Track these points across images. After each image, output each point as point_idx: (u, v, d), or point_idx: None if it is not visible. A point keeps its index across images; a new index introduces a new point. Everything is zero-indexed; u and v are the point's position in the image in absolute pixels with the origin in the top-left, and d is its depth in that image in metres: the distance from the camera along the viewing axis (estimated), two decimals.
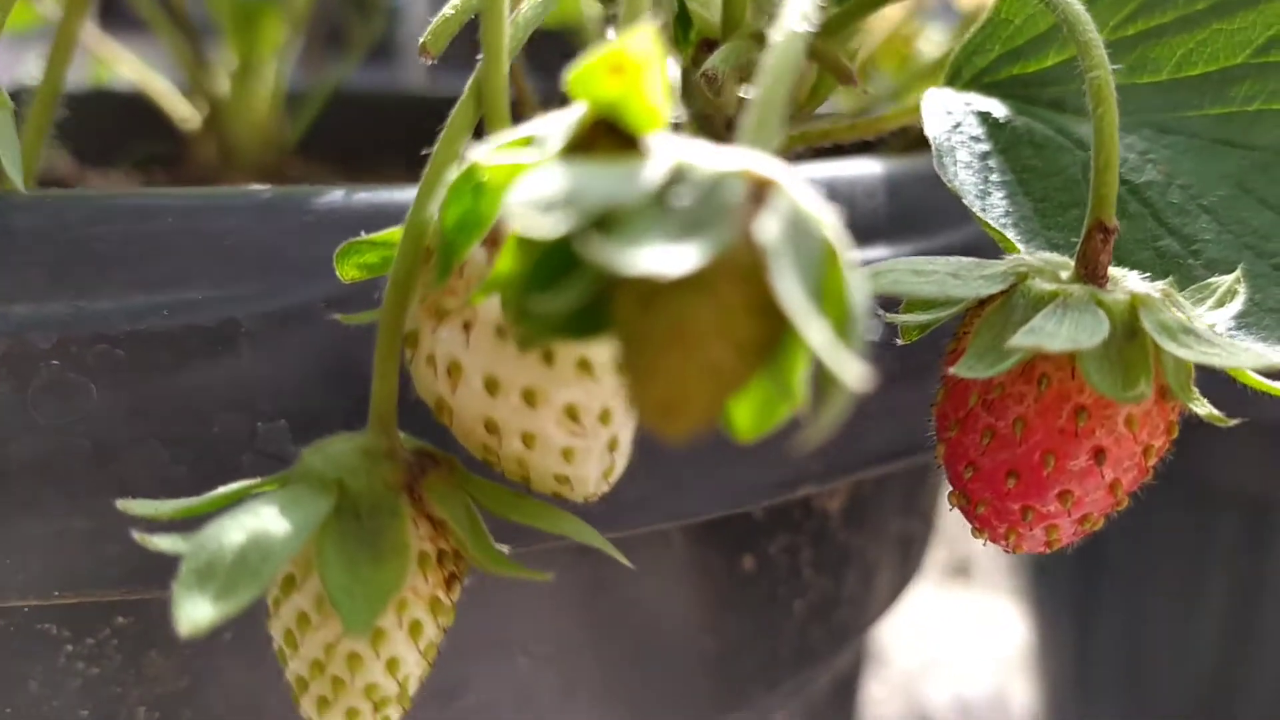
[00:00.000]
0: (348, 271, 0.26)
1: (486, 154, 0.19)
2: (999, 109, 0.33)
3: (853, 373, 0.16)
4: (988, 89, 0.33)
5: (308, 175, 0.76)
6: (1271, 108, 0.31)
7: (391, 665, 0.23)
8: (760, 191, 0.17)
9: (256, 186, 0.31)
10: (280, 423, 0.29)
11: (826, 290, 0.18)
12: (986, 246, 0.32)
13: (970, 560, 1.41)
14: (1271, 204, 0.30)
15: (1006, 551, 0.27)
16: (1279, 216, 0.30)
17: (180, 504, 0.24)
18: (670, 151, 0.18)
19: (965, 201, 0.30)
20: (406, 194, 0.32)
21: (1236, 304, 0.26)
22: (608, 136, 0.20)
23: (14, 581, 0.29)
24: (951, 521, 0.34)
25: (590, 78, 0.18)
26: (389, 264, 0.26)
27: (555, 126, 0.19)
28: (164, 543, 0.22)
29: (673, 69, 0.30)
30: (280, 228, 0.30)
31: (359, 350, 0.30)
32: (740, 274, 0.17)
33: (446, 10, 0.26)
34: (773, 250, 0.17)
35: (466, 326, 0.22)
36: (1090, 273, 0.25)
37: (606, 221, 0.17)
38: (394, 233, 0.25)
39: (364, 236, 0.25)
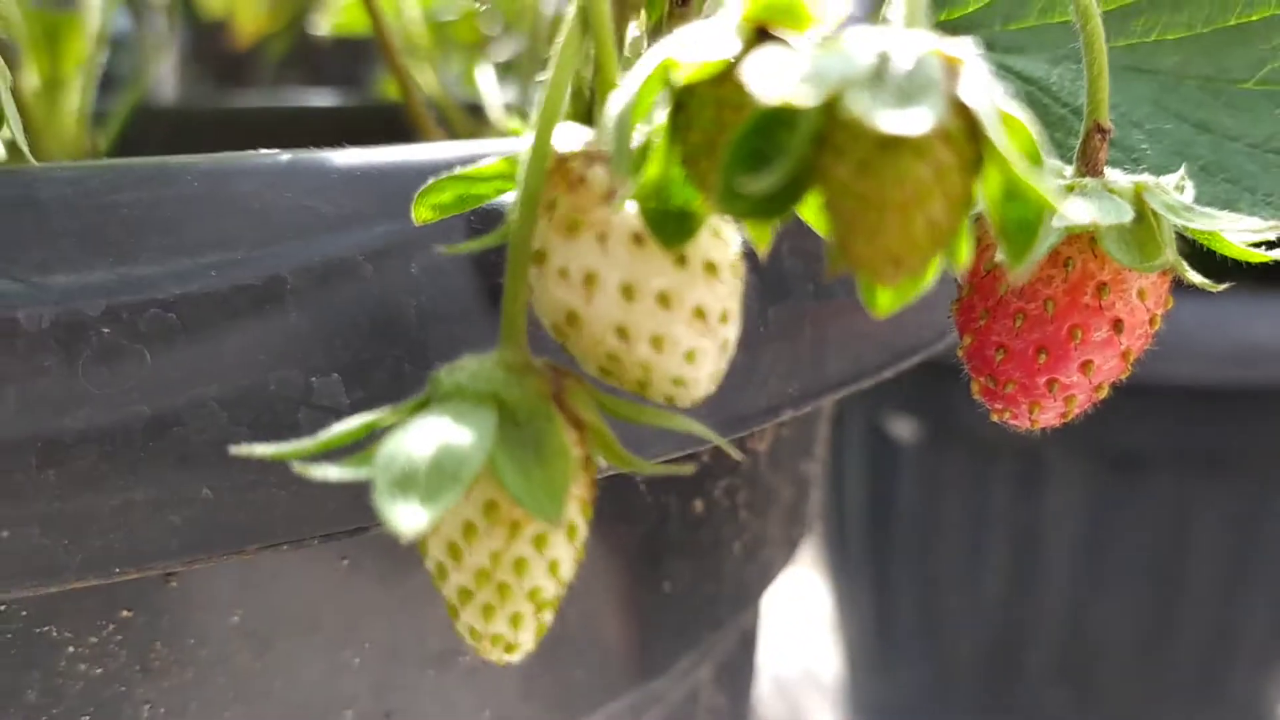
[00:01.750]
0: (422, 213, 0.27)
1: (680, 53, 0.20)
2: None
3: (1060, 200, 0.19)
4: None
5: None
6: (1167, 37, 0.36)
7: (553, 566, 0.23)
8: (953, 66, 0.19)
9: (267, 151, 0.31)
10: (334, 376, 0.29)
11: (1017, 136, 0.20)
12: None
13: None
14: (1185, 118, 0.34)
15: (1023, 426, 0.30)
16: (1193, 129, 0.34)
17: (305, 443, 0.24)
18: (857, 34, 0.20)
19: None
20: (414, 152, 0.32)
21: (1189, 195, 0.30)
22: (759, 40, 0.22)
23: (72, 561, 0.27)
24: None
25: None
26: (463, 202, 0.27)
27: (719, 34, 0.21)
28: (334, 471, 0.22)
29: None
30: (306, 186, 0.30)
31: (402, 298, 0.30)
32: (947, 137, 0.19)
33: None
34: (982, 111, 0.19)
35: (601, 238, 0.24)
36: (1092, 168, 0.29)
37: (838, 97, 0.19)
38: (478, 169, 0.26)
39: (449, 174, 0.26)
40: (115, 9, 0.73)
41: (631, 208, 0.23)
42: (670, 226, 0.23)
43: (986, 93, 0.20)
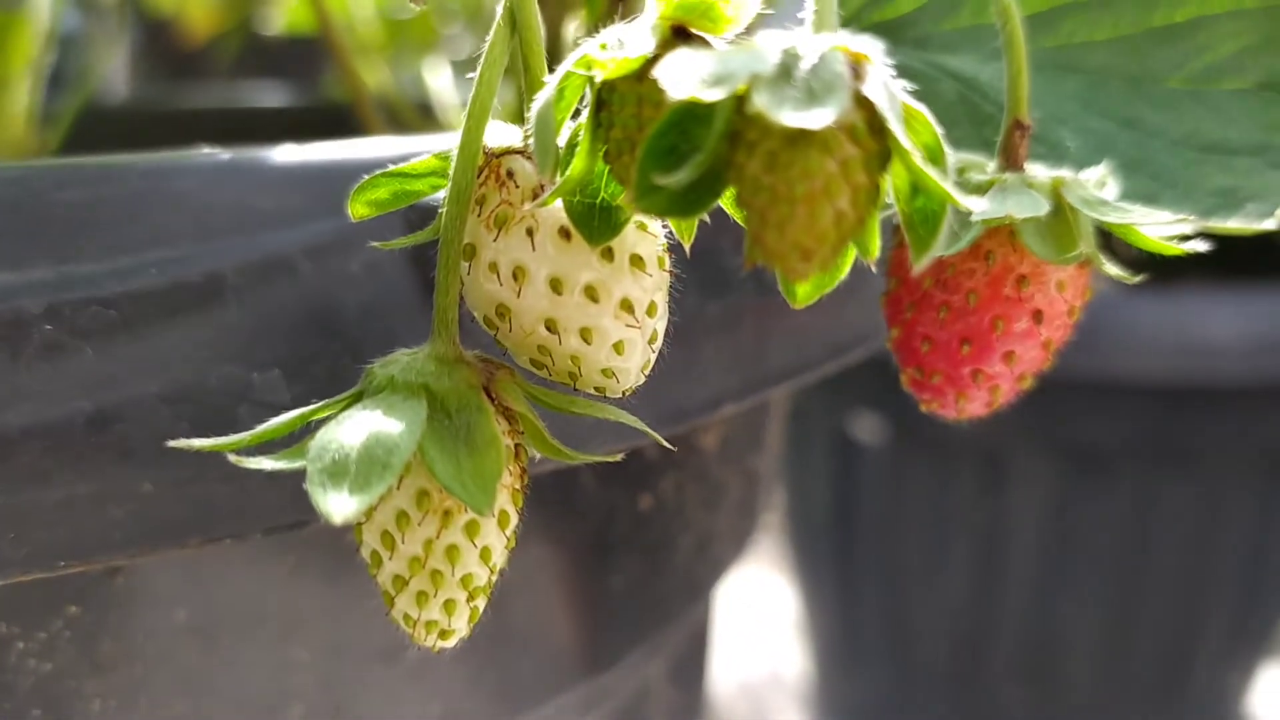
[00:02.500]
0: (358, 209, 0.28)
1: (598, 52, 0.21)
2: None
3: (958, 194, 0.20)
4: (858, 31, 0.38)
5: None
6: (1095, 37, 0.37)
7: (485, 554, 0.25)
8: (857, 63, 0.21)
9: (207, 149, 0.32)
10: (274, 371, 0.30)
11: (914, 132, 0.21)
12: None
13: None
14: (1111, 115, 0.36)
15: (952, 416, 0.32)
16: (1118, 126, 0.36)
17: (244, 435, 0.25)
18: (768, 36, 0.21)
19: None
20: (354, 149, 0.33)
21: (1111, 191, 0.32)
22: (676, 39, 0.23)
23: (16, 555, 0.28)
24: None
25: None
26: (398, 198, 0.28)
27: (636, 32, 0.22)
28: (267, 463, 0.23)
29: None
30: (246, 184, 0.31)
31: (341, 294, 0.31)
32: (853, 131, 0.20)
33: None
34: (884, 106, 0.20)
35: (530, 232, 0.25)
36: (1012, 162, 0.30)
37: (747, 93, 0.20)
38: (412, 166, 0.27)
39: (382, 171, 0.27)
40: (63, 7, 0.74)
41: (559, 203, 0.24)
42: (596, 221, 0.24)
43: (889, 89, 0.21)
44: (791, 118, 0.19)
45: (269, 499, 0.30)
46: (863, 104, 0.21)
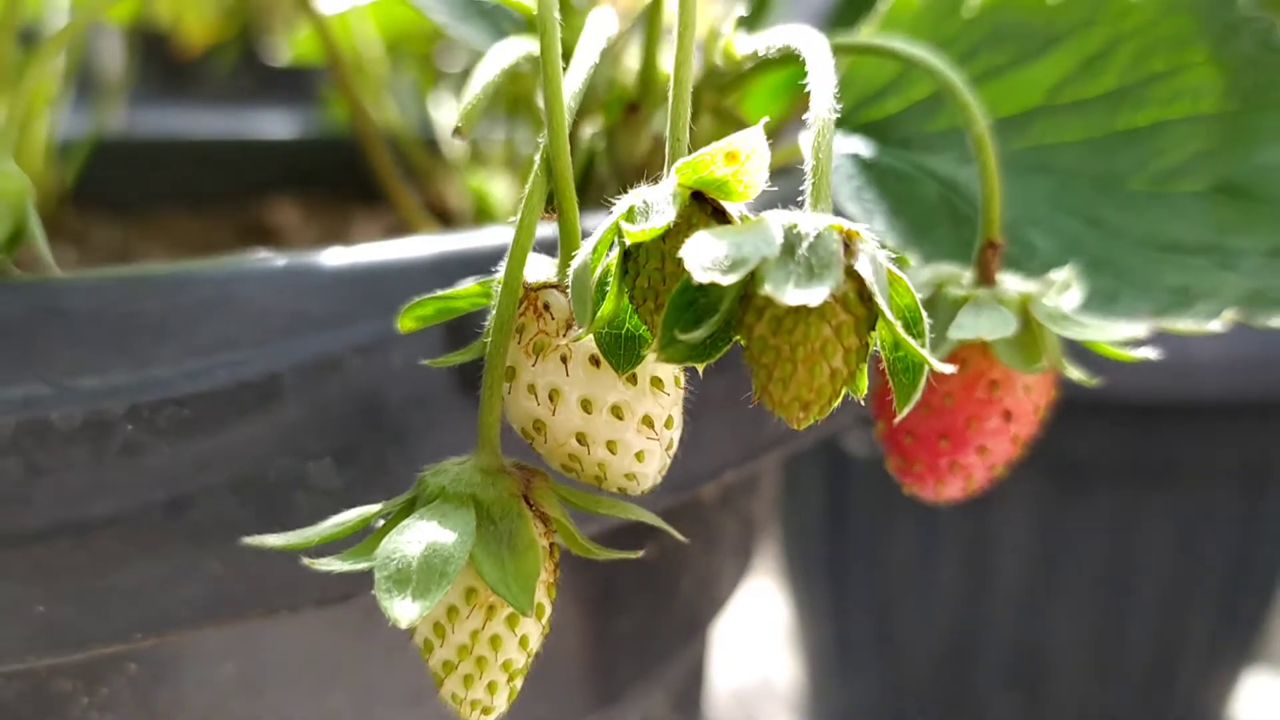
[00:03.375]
0: (406, 324, 0.32)
1: (627, 225, 0.25)
2: (863, 148, 0.42)
3: (930, 356, 0.24)
4: (849, 131, 0.42)
5: (86, 226, 0.77)
6: (1063, 140, 0.42)
7: (523, 642, 0.29)
8: (849, 240, 0.25)
9: (264, 253, 0.36)
10: (326, 460, 0.34)
11: (895, 304, 0.25)
12: None
13: None
14: (1079, 214, 0.40)
15: (931, 499, 0.36)
16: (1084, 224, 0.40)
17: (309, 532, 0.29)
18: (773, 215, 0.25)
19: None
20: (395, 250, 0.37)
21: (1074, 293, 0.36)
22: (695, 204, 0.27)
23: (100, 627, 0.32)
24: None
25: (704, 163, 0.26)
26: (441, 314, 0.32)
27: (659, 199, 0.26)
28: (337, 564, 0.27)
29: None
30: (299, 288, 0.35)
31: (385, 388, 0.35)
32: (845, 300, 0.25)
33: (474, 90, 0.32)
34: (870, 280, 0.24)
35: (564, 359, 0.29)
36: (986, 277, 0.34)
37: (757, 271, 0.24)
38: (455, 291, 0.31)
39: (425, 297, 0.31)
40: (82, 48, 0.77)
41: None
42: (622, 351, 0.28)
43: (876, 261, 0.25)
44: (794, 296, 0.23)
45: (322, 575, 0.34)
46: (854, 275, 0.25)
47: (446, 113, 0.84)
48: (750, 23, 0.42)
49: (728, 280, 0.23)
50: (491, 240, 0.37)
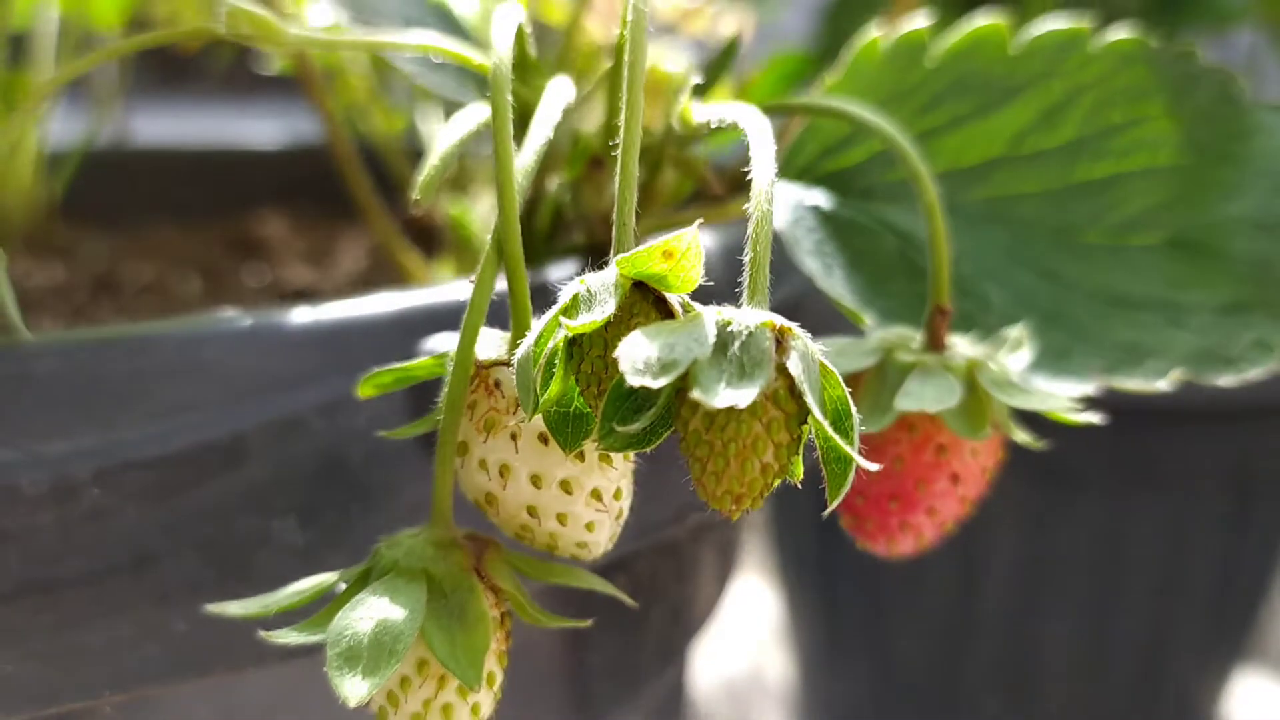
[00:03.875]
0: (366, 390, 0.33)
1: (567, 321, 0.26)
2: (825, 201, 0.43)
3: (856, 453, 0.25)
4: (812, 181, 0.43)
5: (75, 240, 0.79)
6: (1023, 190, 0.42)
7: (475, 709, 0.30)
8: (781, 336, 0.26)
9: (230, 313, 0.37)
10: (290, 518, 0.35)
11: (827, 397, 0.26)
12: (810, 294, 0.42)
13: None
14: (1033, 267, 0.41)
15: (882, 555, 0.37)
16: (1038, 277, 0.41)
17: (268, 600, 0.30)
18: (710, 312, 0.26)
19: (815, 280, 0.40)
20: (361, 307, 0.38)
21: (1026, 352, 0.37)
22: (637, 291, 0.28)
23: (68, 685, 0.34)
24: None
25: (643, 259, 0.27)
26: (400, 383, 0.33)
27: (602, 290, 0.27)
28: (294, 636, 0.28)
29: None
30: (264, 349, 0.36)
31: (347, 449, 0.36)
32: (775, 397, 0.26)
33: (433, 160, 0.33)
34: (800, 379, 0.25)
35: (514, 436, 0.30)
36: (935, 343, 0.35)
37: (690, 371, 0.25)
38: (412, 365, 0.32)
39: (385, 368, 0.32)
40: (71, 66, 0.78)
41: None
42: (570, 429, 0.29)
43: (807, 356, 0.26)
44: (723, 398, 0.24)
45: None
46: (785, 372, 0.26)
47: (433, 126, 0.84)
48: (705, 89, 0.43)
49: (659, 384, 0.24)
50: (451, 296, 0.38)
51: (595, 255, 0.42)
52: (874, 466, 0.25)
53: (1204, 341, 0.39)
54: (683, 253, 0.26)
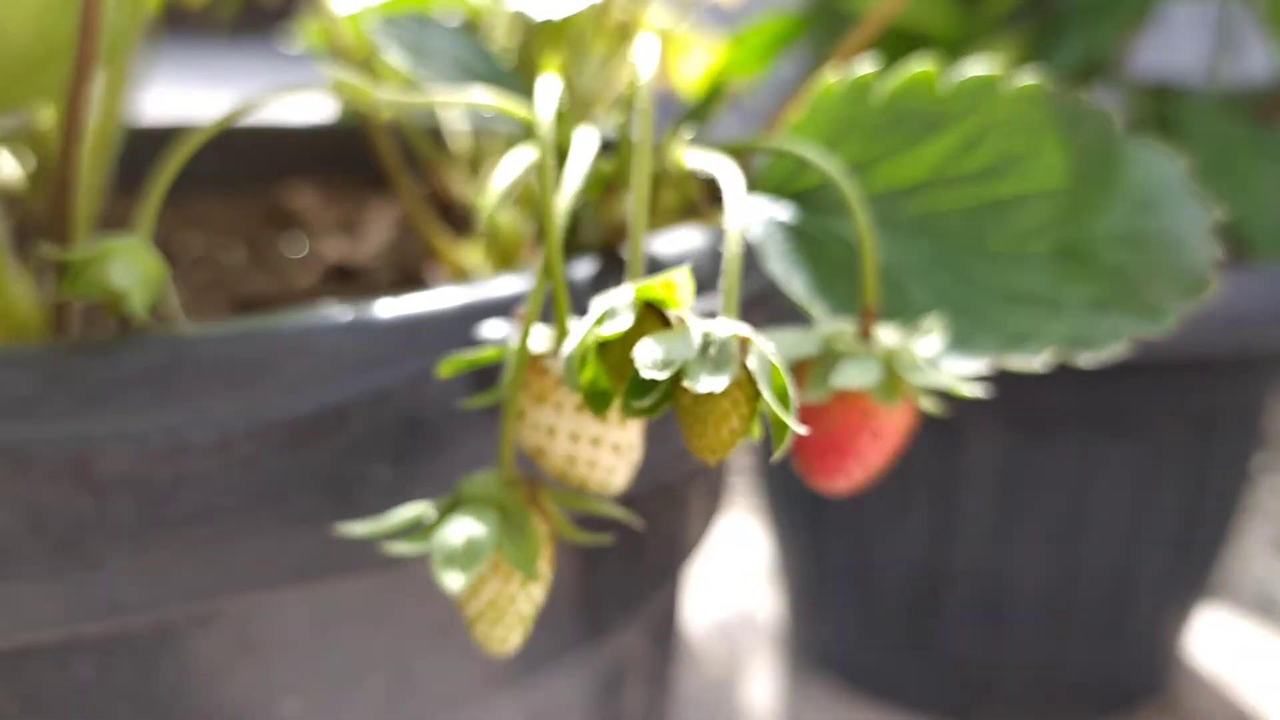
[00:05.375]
0: (446, 371, 0.48)
1: (598, 331, 0.42)
2: (790, 215, 0.58)
3: (792, 422, 0.41)
4: (781, 197, 0.58)
5: (128, 214, 0.92)
6: (945, 208, 0.58)
7: (531, 596, 0.46)
8: (744, 343, 0.41)
9: (336, 306, 0.52)
10: (384, 465, 0.50)
11: (774, 383, 0.42)
12: (774, 291, 0.57)
13: None
14: (949, 270, 0.56)
15: (825, 491, 0.53)
16: (952, 279, 0.56)
17: (381, 523, 0.46)
18: (696, 324, 0.41)
19: (780, 284, 0.55)
20: (433, 303, 0.53)
21: (936, 338, 0.52)
22: (649, 310, 0.43)
23: (222, 587, 0.49)
24: None
25: (651, 289, 0.42)
26: (470, 366, 0.48)
27: (621, 305, 0.43)
28: (406, 547, 0.44)
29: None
30: (361, 335, 0.51)
31: (424, 412, 0.51)
32: (739, 384, 0.41)
33: (496, 188, 0.48)
34: (756, 373, 0.41)
35: (557, 406, 0.45)
36: (864, 334, 0.51)
37: (682, 367, 0.40)
38: (481, 354, 0.47)
39: (458, 355, 0.47)
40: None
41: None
42: (599, 400, 0.45)
43: (762, 357, 0.41)
44: (704, 385, 0.40)
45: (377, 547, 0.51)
46: (745, 368, 0.41)
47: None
48: (694, 126, 0.58)
49: (662, 376, 0.40)
50: (500, 292, 0.53)
51: (608, 253, 0.58)
52: (805, 430, 0.40)
53: (1074, 330, 0.54)
54: (677, 285, 0.41)
